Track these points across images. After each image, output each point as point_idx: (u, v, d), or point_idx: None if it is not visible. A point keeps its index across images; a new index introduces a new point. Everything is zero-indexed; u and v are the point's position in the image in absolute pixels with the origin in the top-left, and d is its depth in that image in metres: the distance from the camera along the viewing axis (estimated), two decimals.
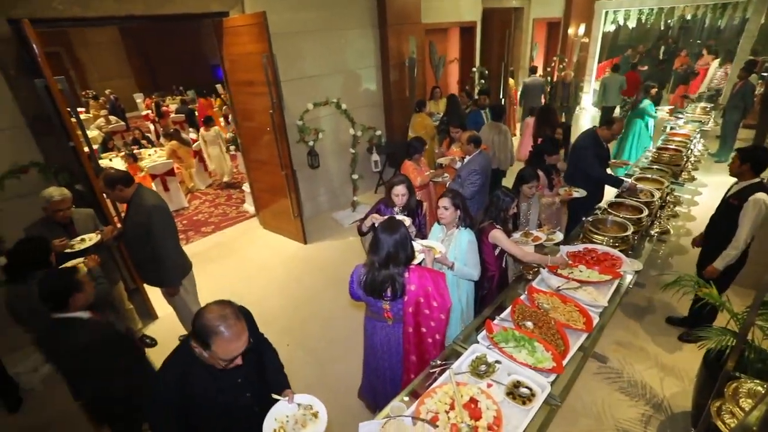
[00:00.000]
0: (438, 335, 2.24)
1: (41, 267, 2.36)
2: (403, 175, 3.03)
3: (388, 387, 2.55)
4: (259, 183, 5.33)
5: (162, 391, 1.43)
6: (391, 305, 2.23)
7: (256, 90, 4.44)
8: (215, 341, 1.30)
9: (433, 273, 2.22)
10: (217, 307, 1.36)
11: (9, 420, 3.14)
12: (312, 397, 1.67)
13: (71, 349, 2.01)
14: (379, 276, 2.15)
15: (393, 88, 6.24)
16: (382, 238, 2.14)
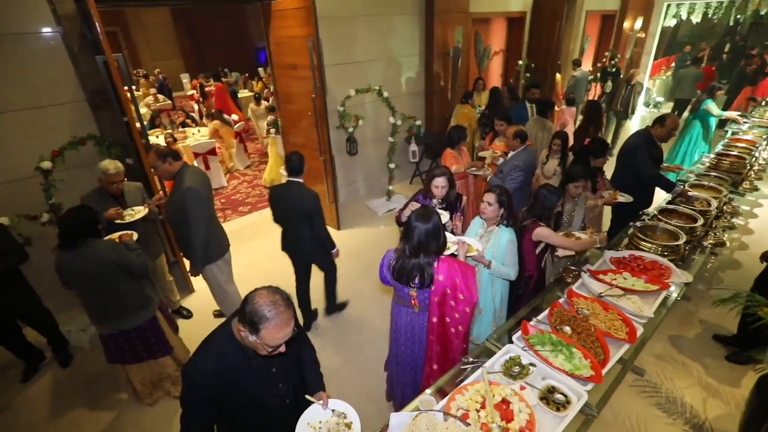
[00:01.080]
0: (461, 327, 2.23)
1: (89, 236, 2.46)
2: (445, 167, 2.98)
3: (407, 374, 2.57)
4: None
5: (199, 367, 1.43)
6: (418, 293, 2.24)
7: (300, 74, 4.47)
8: (265, 327, 1.31)
9: (463, 266, 2.20)
10: (268, 293, 1.36)
11: (61, 374, 3.38)
12: (347, 405, 1.62)
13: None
14: (408, 263, 2.15)
15: (435, 78, 6.14)
16: (414, 225, 2.14)
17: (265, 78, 12.98)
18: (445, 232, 2.26)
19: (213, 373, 1.41)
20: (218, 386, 1.43)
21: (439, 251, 2.17)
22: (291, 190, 3.24)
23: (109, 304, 2.58)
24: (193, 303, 4.06)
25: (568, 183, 3.12)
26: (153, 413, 2.97)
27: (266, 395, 1.55)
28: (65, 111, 3.58)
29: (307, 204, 3.15)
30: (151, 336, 2.79)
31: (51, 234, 3.57)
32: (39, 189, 3.49)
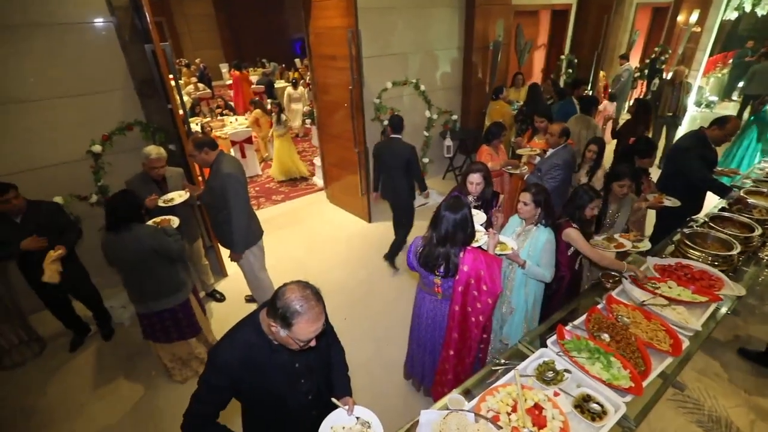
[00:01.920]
0: (482, 317, 2.25)
1: (132, 220, 2.57)
2: (482, 163, 2.91)
3: (427, 359, 2.63)
4: (331, 157, 5.44)
5: (225, 352, 1.42)
6: (443, 281, 2.28)
7: (338, 64, 4.48)
8: (297, 321, 1.31)
9: (489, 257, 2.20)
10: (299, 288, 1.36)
11: (103, 346, 3.59)
12: (372, 414, 1.57)
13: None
14: (434, 251, 2.22)
15: (473, 73, 6.01)
16: (443, 215, 2.18)
17: (301, 69, 13.13)
18: (474, 225, 2.26)
19: (237, 361, 1.42)
20: (240, 375, 1.43)
21: (466, 242, 2.19)
22: (392, 145, 3.91)
23: (145, 286, 2.71)
24: (226, 287, 4.18)
25: (613, 182, 2.99)
26: (183, 390, 3.10)
27: (288, 390, 1.55)
28: (115, 98, 3.75)
29: (405, 155, 3.81)
30: (183, 318, 2.90)
31: (99, 214, 3.76)
32: (89, 171, 3.68)
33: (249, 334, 1.45)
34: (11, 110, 3.35)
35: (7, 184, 2.86)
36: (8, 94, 3.31)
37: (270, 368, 1.47)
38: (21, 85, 3.34)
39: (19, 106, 3.37)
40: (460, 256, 2.17)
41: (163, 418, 2.89)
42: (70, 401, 3.07)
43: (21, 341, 3.51)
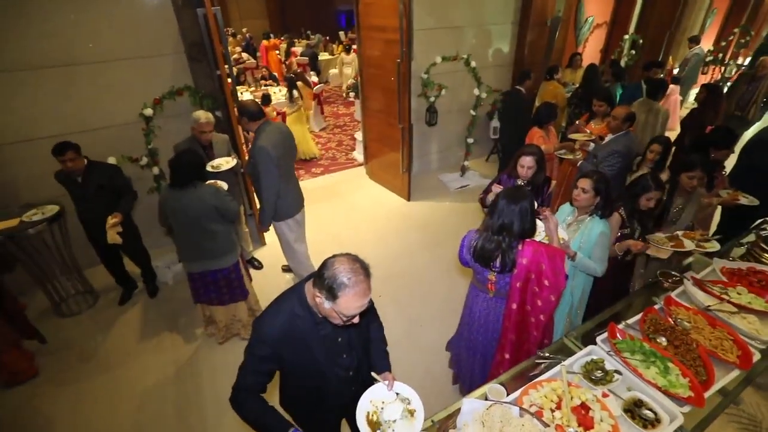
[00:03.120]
0: (543, 316, 2.08)
1: (196, 178, 2.62)
2: (536, 146, 2.73)
3: (476, 361, 2.49)
4: (373, 133, 5.35)
5: (269, 322, 1.42)
6: (498, 278, 2.12)
7: (387, 36, 4.33)
8: (343, 295, 1.26)
9: (551, 250, 2.02)
10: (348, 260, 1.30)
11: (149, 303, 3.77)
12: (413, 392, 1.54)
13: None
14: (490, 243, 2.05)
15: (528, 50, 5.66)
16: (501, 205, 2.02)
17: (345, 41, 12.95)
18: (535, 217, 2.09)
19: (281, 332, 1.40)
20: (283, 346, 1.42)
21: (525, 235, 2.02)
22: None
23: (202, 244, 2.76)
24: (264, 255, 4.26)
25: (682, 172, 2.73)
26: (222, 350, 3.22)
27: (329, 364, 1.53)
28: (166, 62, 3.80)
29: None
30: (234, 279, 2.97)
31: (148, 176, 3.91)
32: (140, 134, 3.78)
33: (294, 305, 1.42)
34: (71, 72, 3.48)
35: (66, 144, 2.98)
36: (69, 56, 3.42)
37: (313, 341, 1.45)
38: (81, 48, 3.44)
39: (79, 68, 3.49)
40: (518, 249, 2.00)
41: (202, 376, 3.02)
42: (119, 350, 3.27)
43: (77, 292, 3.76)
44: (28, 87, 3.39)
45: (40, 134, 3.52)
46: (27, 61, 3.32)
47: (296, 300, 1.43)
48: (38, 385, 3.01)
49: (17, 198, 3.56)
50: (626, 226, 2.47)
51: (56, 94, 3.50)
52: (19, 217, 3.22)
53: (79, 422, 2.75)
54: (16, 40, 3.24)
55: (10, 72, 3.30)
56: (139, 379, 3.02)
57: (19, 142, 3.53)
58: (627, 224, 2.48)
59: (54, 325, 3.47)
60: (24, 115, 3.46)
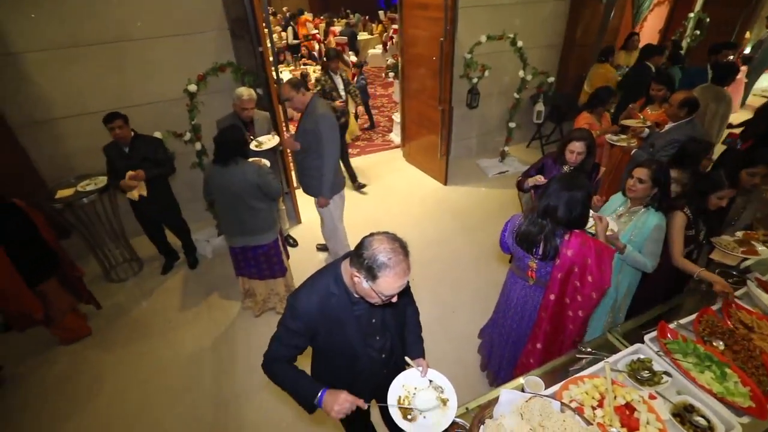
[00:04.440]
0: (581, 312, 1.98)
1: (239, 155, 2.65)
2: (587, 131, 2.57)
3: (507, 351, 2.43)
4: (412, 114, 5.25)
5: (304, 299, 1.40)
6: (539, 265, 2.04)
7: (431, 14, 4.18)
8: (383, 274, 1.23)
9: (600, 245, 1.90)
10: (387, 239, 1.27)
11: (189, 274, 3.93)
12: (446, 380, 1.51)
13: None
14: (533, 226, 1.96)
15: (579, 30, 5.31)
16: (552, 188, 1.92)
17: (385, 21, 12.70)
18: (589, 209, 1.98)
19: (316, 309, 1.39)
20: (317, 323, 1.42)
21: (572, 224, 1.91)
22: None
23: (244, 220, 2.81)
24: (299, 234, 4.32)
25: (743, 169, 2.50)
26: (257, 323, 3.31)
27: (362, 344, 1.51)
28: (210, 38, 3.84)
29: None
30: (274, 255, 3.03)
31: (191, 152, 4.01)
32: (184, 110, 3.85)
33: (329, 284, 1.40)
34: (120, 49, 3.59)
35: (116, 113, 3.11)
36: (119, 34, 3.53)
37: (347, 320, 1.43)
38: (130, 25, 3.54)
39: (128, 45, 3.59)
40: (564, 238, 1.90)
41: (238, 347, 3.12)
42: (161, 317, 3.43)
43: (124, 260, 3.96)
44: (81, 64, 3.53)
45: (91, 109, 3.67)
46: (80, 39, 3.45)
47: (332, 278, 1.41)
48: (90, 344, 3.22)
49: (73, 169, 3.75)
50: (691, 227, 2.28)
51: (107, 71, 3.63)
52: (75, 187, 3.40)
53: (124, 380, 2.92)
54: (71, 19, 3.36)
55: (65, 49, 3.44)
56: (178, 345, 3.17)
57: (74, 116, 3.70)
58: (692, 224, 2.28)
59: (104, 290, 3.68)
60: (77, 91, 3.62)
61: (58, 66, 3.48)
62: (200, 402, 2.73)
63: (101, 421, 2.67)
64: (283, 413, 2.64)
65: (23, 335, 3.19)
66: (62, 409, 2.75)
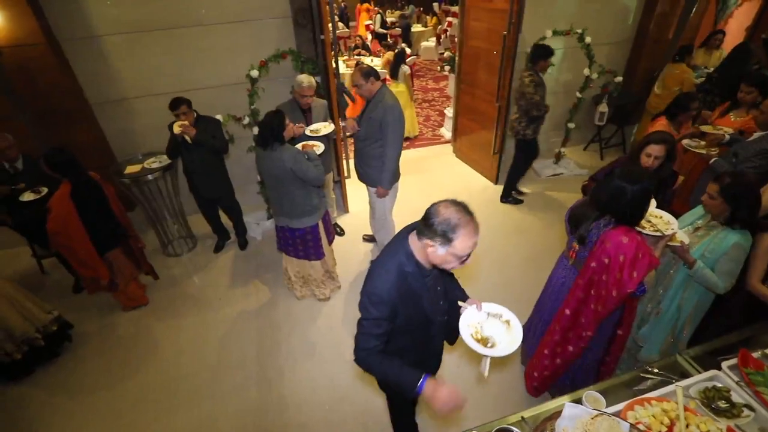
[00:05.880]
0: (600, 308, 1.92)
1: (275, 140, 2.66)
2: (668, 134, 2.38)
3: (538, 328, 2.43)
4: (465, 109, 5.12)
5: (382, 285, 1.44)
6: (580, 248, 2.02)
7: (495, 5, 4.03)
8: (459, 235, 1.29)
9: (643, 249, 1.78)
10: (450, 204, 1.34)
11: (239, 254, 4.07)
12: (500, 306, 1.60)
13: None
14: (584, 212, 1.99)
15: (654, 25, 4.94)
16: (608, 179, 1.87)
17: (440, 13, 12.48)
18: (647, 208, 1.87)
19: (395, 290, 1.44)
20: (398, 303, 1.46)
21: (623, 219, 1.84)
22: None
23: (282, 203, 2.88)
24: (345, 223, 4.34)
25: None
26: (300, 306, 3.39)
27: (434, 312, 1.60)
28: (273, 25, 3.91)
29: None
30: (310, 240, 3.07)
31: (248, 136, 4.13)
32: (244, 95, 3.96)
33: (401, 263, 1.44)
34: (189, 33, 3.74)
35: (180, 99, 3.24)
36: (188, 18, 3.67)
37: (422, 293, 1.49)
38: (198, 10, 3.67)
39: (196, 29, 3.74)
40: (607, 228, 1.84)
41: (280, 328, 3.21)
42: (212, 293, 3.59)
43: (180, 236, 4.17)
44: (153, 47, 3.72)
45: (159, 90, 3.86)
46: (154, 24, 3.63)
47: (403, 257, 1.45)
48: (147, 312, 3.42)
49: (139, 146, 3.98)
50: None
51: (175, 54, 3.80)
52: (142, 164, 3.60)
53: (176, 348, 3.09)
54: (145, 5, 3.54)
55: (139, 33, 3.63)
56: (226, 321, 3.29)
57: (143, 96, 3.91)
58: None
59: (160, 263, 3.88)
60: (147, 72, 3.82)
61: (132, 48, 3.68)
62: (245, 379, 2.84)
63: (154, 384, 2.84)
64: (325, 396, 2.69)
65: (91, 299, 3.45)
66: (121, 369, 2.96)
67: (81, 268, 2.91)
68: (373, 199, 3.35)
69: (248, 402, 2.68)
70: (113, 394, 2.79)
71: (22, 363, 2.82)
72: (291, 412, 2.61)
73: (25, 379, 2.90)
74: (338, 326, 3.19)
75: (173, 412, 2.66)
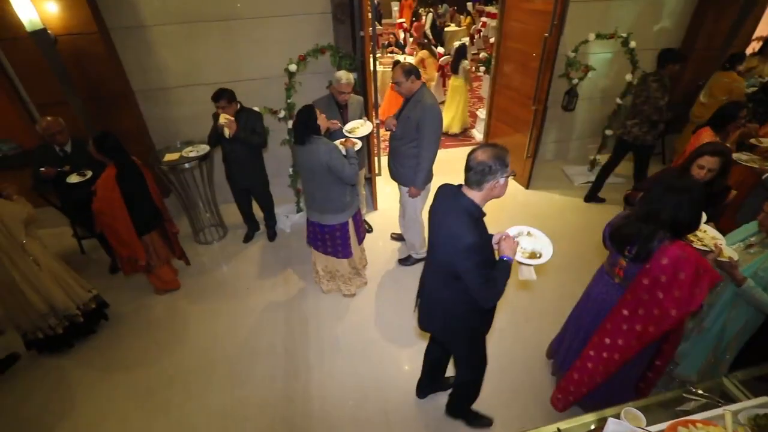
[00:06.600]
0: (651, 328, 1.83)
1: (311, 134, 2.67)
2: (724, 146, 2.28)
3: (575, 345, 2.35)
4: (499, 111, 5.04)
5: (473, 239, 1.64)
6: (629, 265, 1.92)
7: (537, 6, 3.95)
8: (508, 154, 1.66)
9: (704, 265, 1.69)
10: (484, 145, 1.68)
11: (268, 245, 4.14)
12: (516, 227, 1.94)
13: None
14: (629, 228, 1.87)
15: (703, 32, 4.73)
16: (656, 192, 1.78)
17: (474, 13, 12.33)
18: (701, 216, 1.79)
19: (479, 237, 1.67)
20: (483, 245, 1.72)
21: (680, 229, 1.76)
22: None
23: (315, 197, 2.90)
24: (374, 220, 4.35)
25: None
26: (327, 300, 3.42)
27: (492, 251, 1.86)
28: (313, 21, 3.94)
29: None
30: (339, 237, 3.07)
31: (283, 129, 4.18)
32: (281, 88, 4.00)
33: (473, 213, 1.69)
34: (232, 26, 3.81)
35: (221, 92, 3.29)
36: (231, 12, 3.74)
37: (487, 235, 1.80)
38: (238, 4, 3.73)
39: (239, 22, 3.81)
40: (663, 243, 1.74)
41: (308, 321, 3.24)
42: (240, 282, 3.66)
43: (211, 224, 4.26)
44: (196, 38, 3.81)
45: (201, 80, 3.96)
46: (198, 15, 3.71)
47: (473, 209, 1.70)
48: (179, 297, 3.52)
49: (178, 135, 4.09)
50: None
51: (217, 46, 3.88)
52: (180, 152, 3.69)
53: (208, 333, 3.17)
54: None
55: (185, 24, 3.73)
56: (255, 310, 3.35)
57: (185, 86, 4.02)
58: None
59: (191, 249, 3.98)
60: (190, 63, 3.91)
61: (177, 39, 3.78)
62: (273, 368, 2.88)
63: (187, 366, 2.93)
64: (350, 392, 2.70)
65: (126, 281, 3.59)
66: (155, 350, 3.06)
67: (121, 248, 3.02)
68: (404, 198, 3.34)
69: (275, 391, 2.72)
70: (147, 372, 2.89)
71: (63, 337, 2.96)
72: (315, 404, 2.64)
73: (65, 353, 3.04)
74: (365, 323, 3.20)
75: (205, 394, 2.74)
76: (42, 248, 2.82)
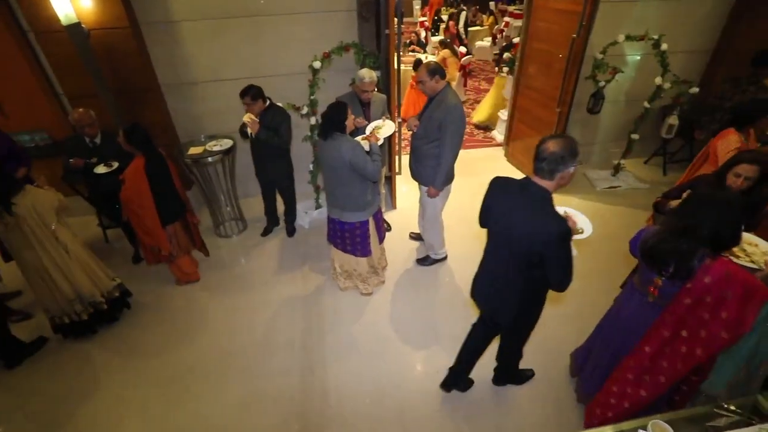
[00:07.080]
0: (699, 351, 1.72)
1: (335, 130, 2.69)
2: (762, 154, 2.19)
3: (604, 363, 2.23)
4: (521, 113, 4.97)
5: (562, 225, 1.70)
6: (665, 283, 1.81)
7: (565, 6, 3.87)
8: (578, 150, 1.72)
9: (753, 283, 1.59)
10: (553, 136, 1.72)
11: (286, 241, 4.17)
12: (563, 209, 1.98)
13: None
14: (665, 244, 1.73)
15: (741, 34, 4.56)
16: (693, 205, 1.70)
17: (496, 13, 12.17)
18: (741, 230, 1.69)
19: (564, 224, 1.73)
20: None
21: (721, 245, 1.67)
22: None
23: (336, 194, 2.90)
24: (393, 219, 4.33)
25: None
26: (345, 298, 3.43)
27: None
28: (338, 18, 3.95)
29: None
30: (358, 236, 3.08)
31: (305, 125, 4.20)
32: (305, 84, 4.01)
33: (551, 201, 1.77)
34: (258, 23, 3.84)
35: (248, 89, 3.31)
36: (257, 8, 3.78)
37: None
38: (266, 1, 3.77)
39: (265, 19, 3.84)
40: (704, 262, 1.65)
41: (325, 318, 3.25)
42: (258, 276, 3.70)
43: (231, 218, 4.32)
44: (224, 34, 3.86)
45: (226, 76, 4.02)
46: (227, 11, 3.76)
47: (548, 197, 1.77)
48: (198, 288, 3.58)
49: (203, 129, 4.15)
50: None
51: (244, 42, 3.93)
52: (204, 146, 3.75)
53: (227, 325, 3.22)
54: None
55: (213, 20, 3.78)
56: (273, 305, 3.39)
57: (211, 81, 4.07)
58: None
59: (211, 242, 4.04)
60: (217, 58, 3.97)
61: (205, 35, 3.84)
62: (290, 363, 2.91)
63: (207, 357, 2.98)
64: (366, 390, 2.71)
65: (148, 271, 3.66)
66: (176, 339, 3.12)
67: (146, 237, 3.09)
68: (424, 198, 3.32)
69: (291, 386, 2.74)
70: (168, 360, 2.96)
71: (87, 323, 3.04)
72: (331, 400, 2.65)
73: (89, 338, 3.13)
74: (382, 322, 3.20)
75: (222, 385, 2.78)
76: (72, 236, 2.90)
